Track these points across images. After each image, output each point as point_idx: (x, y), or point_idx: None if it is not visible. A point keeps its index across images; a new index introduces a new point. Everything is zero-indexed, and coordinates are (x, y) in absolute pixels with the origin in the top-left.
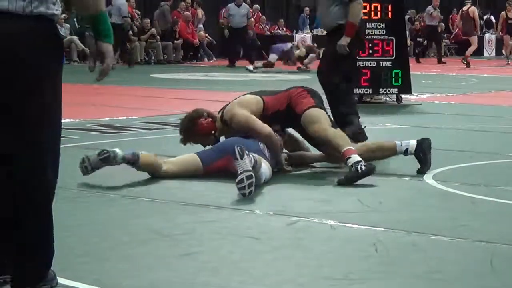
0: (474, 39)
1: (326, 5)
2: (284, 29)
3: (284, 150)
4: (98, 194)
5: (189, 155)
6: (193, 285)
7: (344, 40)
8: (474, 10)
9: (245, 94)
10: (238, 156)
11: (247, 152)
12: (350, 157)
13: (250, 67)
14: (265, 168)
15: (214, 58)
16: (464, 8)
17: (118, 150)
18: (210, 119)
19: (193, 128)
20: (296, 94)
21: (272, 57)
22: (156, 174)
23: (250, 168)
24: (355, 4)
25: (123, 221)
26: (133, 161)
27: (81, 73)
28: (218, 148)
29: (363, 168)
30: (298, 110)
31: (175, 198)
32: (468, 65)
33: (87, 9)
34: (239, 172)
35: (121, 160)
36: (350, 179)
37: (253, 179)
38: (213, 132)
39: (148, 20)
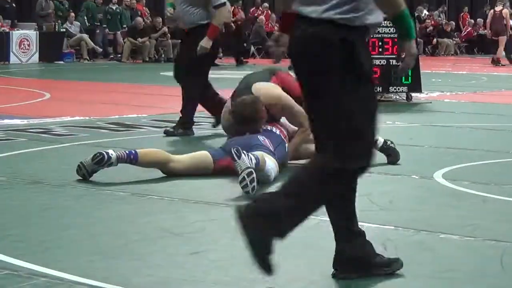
0: (503, 40)
1: (185, 5)
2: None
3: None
4: (108, 192)
5: (200, 152)
6: (203, 283)
7: (206, 42)
8: (507, 12)
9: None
10: (235, 157)
11: (244, 152)
12: None
13: None
14: (271, 164)
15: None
16: (497, 9)
17: (111, 152)
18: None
19: (257, 114)
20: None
21: None
22: (164, 170)
23: (249, 165)
24: (223, 9)
25: (133, 219)
26: (129, 161)
27: (91, 71)
28: (225, 148)
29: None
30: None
31: (185, 196)
32: (498, 63)
33: (389, 7)
34: (239, 171)
35: (116, 161)
36: None
37: (254, 175)
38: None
39: (160, 19)
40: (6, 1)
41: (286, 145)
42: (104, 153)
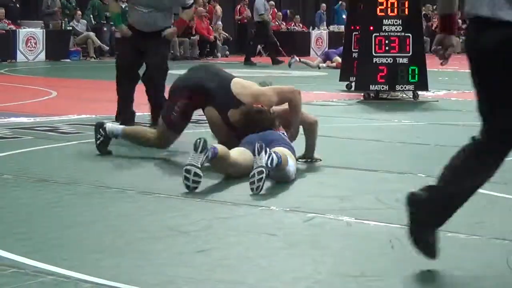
0: None
1: (150, 9)
2: (301, 25)
3: None
4: (114, 190)
5: (240, 149)
6: (209, 282)
7: (173, 29)
8: None
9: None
10: (256, 152)
11: (267, 149)
12: None
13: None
14: (292, 163)
15: (227, 53)
16: None
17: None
18: None
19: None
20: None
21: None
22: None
23: (264, 164)
24: (192, 10)
25: (139, 217)
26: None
27: (97, 69)
28: (247, 142)
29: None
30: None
31: (191, 194)
32: None
33: None
34: (254, 167)
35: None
36: None
37: (264, 175)
38: None
39: None
40: (10, 0)
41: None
42: (202, 140)
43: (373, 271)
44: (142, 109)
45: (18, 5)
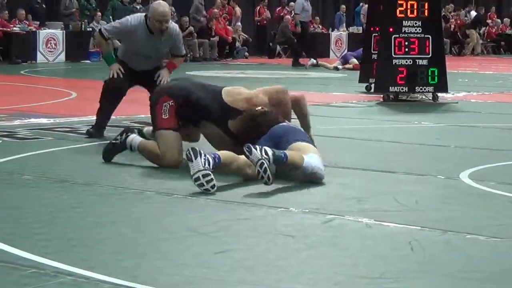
0: None
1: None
2: (320, 26)
3: None
4: (134, 190)
5: None
6: (228, 283)
7: (167, 72)
8: None
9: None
10: (247, 154)
11: (255, 146)
12: None
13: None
14: (311, 159)
15: (246, 54)
16: None
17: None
18: None
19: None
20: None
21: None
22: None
23: (259, 157)
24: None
25: (159, 218)
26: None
27: None
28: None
29: None
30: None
31: (210, 195)
32: None
33: None
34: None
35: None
36: None
37: (265, 165)
38: None
39: (187, 18)
40: (36, 1)
41: None
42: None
43: (392, 273)
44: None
45: (44, 6)
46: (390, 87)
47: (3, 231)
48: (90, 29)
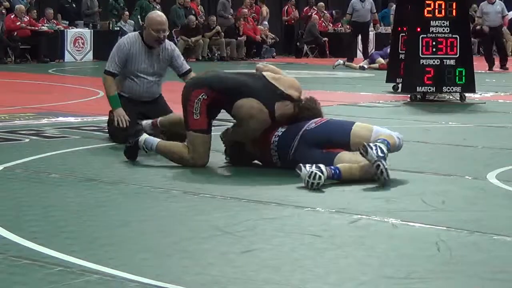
0: None
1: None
2: (348, 26)
3: None
4: (160, 190)
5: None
6: (254, 282)
7: None
8: None
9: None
10: (362, 152)
11: (369, 145)
12: None
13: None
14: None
15: (274, 54)
16: None
17: None
18: None
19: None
20: None
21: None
22: None
23: (375, 158)
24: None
25: (185, 217)
26: None
27: None
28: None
29: None
30: None
31: (237, 194)
32: None
33: None
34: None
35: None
36: None
37: (381, 167)
38: None
39: (214, 18)
40: (66, 0)
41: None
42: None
43: (419, 273)
44: None
45: (74, 5)
46: (418, 87)
47: (30, 229)
48: (118, 28)
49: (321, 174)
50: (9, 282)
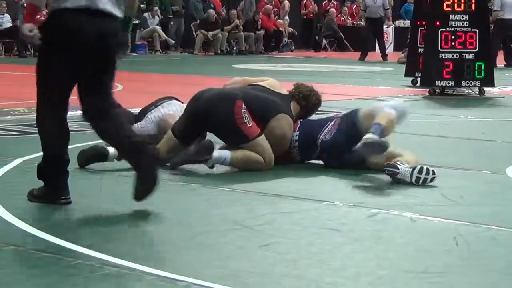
0: None
1: None
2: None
3: None
4: (179, 183)
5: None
6: (271, 276)
7: None
8: None
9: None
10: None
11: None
12: None
13: None
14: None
15: (293, 48)
16: None
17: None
18: None
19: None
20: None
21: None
22: None
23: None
24: None
25: (204, 210)
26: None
27: (163, 63)
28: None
29: None
30: None
31: (255, 188)
32: None
33: None
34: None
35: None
36: None
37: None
38: None
39: (235, 11)
40: None
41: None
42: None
43: (437, 267)
44: None
45: None
46: (436, 81)
47: (48, 223)
48: (137, 21)
49: (433, 169)
50: (28, 275)
